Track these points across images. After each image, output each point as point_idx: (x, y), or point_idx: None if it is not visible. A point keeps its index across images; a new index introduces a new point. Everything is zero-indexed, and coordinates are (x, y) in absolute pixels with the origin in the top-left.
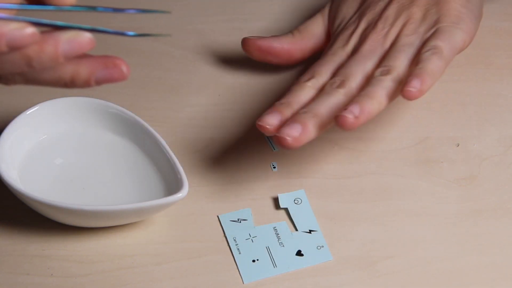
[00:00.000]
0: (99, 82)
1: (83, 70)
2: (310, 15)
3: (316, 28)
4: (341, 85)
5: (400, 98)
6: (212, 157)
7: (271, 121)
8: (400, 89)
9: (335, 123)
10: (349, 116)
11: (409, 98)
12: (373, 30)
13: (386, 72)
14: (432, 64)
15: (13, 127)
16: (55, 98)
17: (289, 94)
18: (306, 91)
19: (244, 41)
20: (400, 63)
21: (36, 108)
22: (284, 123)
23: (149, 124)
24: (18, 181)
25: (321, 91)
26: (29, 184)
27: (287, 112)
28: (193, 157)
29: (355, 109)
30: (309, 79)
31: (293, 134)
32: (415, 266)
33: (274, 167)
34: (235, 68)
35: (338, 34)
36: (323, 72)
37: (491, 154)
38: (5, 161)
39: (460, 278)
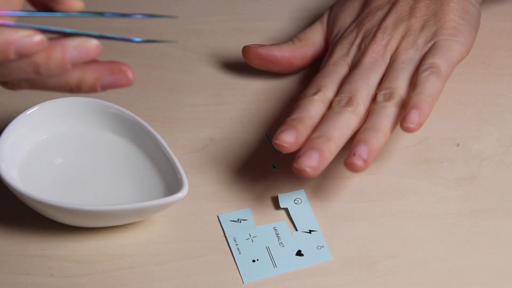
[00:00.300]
0: (104, 88)
1: (89, 75)
2: (309, 15)
3: (316, 36)
4: (348, 102)
5: None
6: (212, 157)
7: (287, 139)
8: (400, 120)
9: (344, 165)
10: (358, 162)
11: (409, 132)
12: (373, 40)
13: (389, 97)
14: (430, 85)
15: (13, 127)
16: (55, 98)
17: (298, 109)
18: (315, 105)
19: (245, 50)
20: (400, 83)
21: (36, 108)
22: (300, 147)
23: (149, 124)
24: (18, 181)
25: (330, 109)
26: (29, 184)
27: (301, 128)
28: (193, 157)
29: (363, 153)
30: (316, 93)
31: (312, 164)
32: (415, 266)
33: (274, 167)
34: (235, 68)
35: (336, 43)
36: (328, 85)
37: (491, 154)
38: (5, 161)
39: (460, 278)
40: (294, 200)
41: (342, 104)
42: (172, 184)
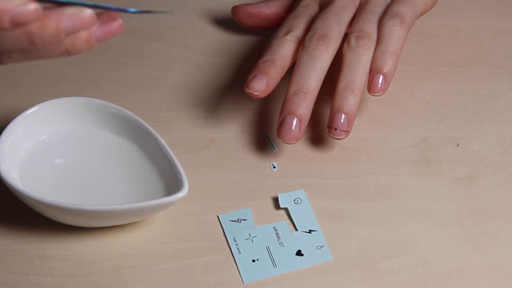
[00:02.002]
0: (100, 40)
1: (81, 33)
2: None
3: None
4: (321, 39)
5: (398, 98)
6: (212, 157)
7: (258, 87)
8: (367, 84)
9: (328, 135)
10: (341, 137)
11: (375, 95)
12: None
13: (362, 41)
14: (394, 40)
15: (13, 127)
16: (55, 98)
17: (270, 50)
18: (286, 45)
19: (234, 9)
20: (373, 26)
21: (36, 108)
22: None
23: (149, 124)
24: (18, 181)
25: (303, 49)
26: (29, 184)
27: (272, 72)
28: (193, 157)
29: (344, 125)
30: (287, 33)
31: (295, 131)
32: (415, 266)
33: (274, 167)
34: (235, 68)
35: None
36: (300, 25)
37: (491, 154)
38: (5, 161)
39: (460, 278)
40: (294, 200)
41: (314, 41)
42: (172, 184)
